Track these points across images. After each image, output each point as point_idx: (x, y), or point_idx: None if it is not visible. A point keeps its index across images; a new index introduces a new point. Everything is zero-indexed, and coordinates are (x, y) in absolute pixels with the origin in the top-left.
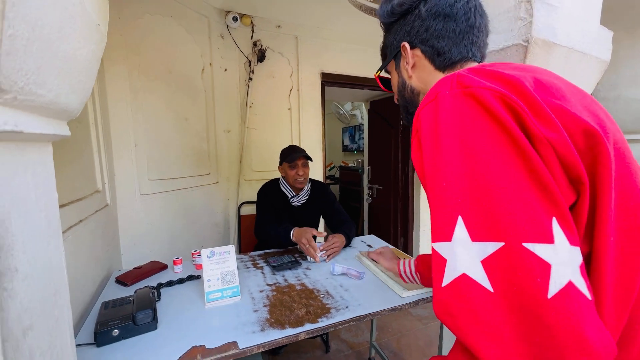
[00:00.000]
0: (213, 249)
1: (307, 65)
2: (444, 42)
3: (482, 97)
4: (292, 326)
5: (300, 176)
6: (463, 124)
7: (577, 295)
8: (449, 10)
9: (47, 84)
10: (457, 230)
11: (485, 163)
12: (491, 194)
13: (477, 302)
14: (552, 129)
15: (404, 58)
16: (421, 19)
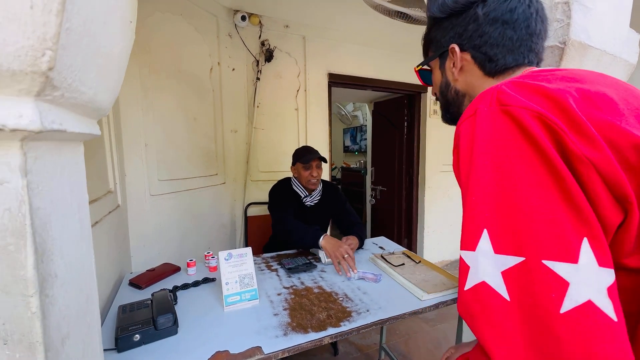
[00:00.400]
0: (230, 251)
1: (314, 66)
2: (499, 49)
3: (519, 116)
4: (315, 330)
5: (314, 177)
6: (497, 142)
7: (596, 313)
8: (508, 17)
9: (88, 82)
10: (482, 242)
11: (514, 181)
12: (517, 211)
13: (493, 308)
14: (594, 147)
15: (451, 59)
16: (477, 23)
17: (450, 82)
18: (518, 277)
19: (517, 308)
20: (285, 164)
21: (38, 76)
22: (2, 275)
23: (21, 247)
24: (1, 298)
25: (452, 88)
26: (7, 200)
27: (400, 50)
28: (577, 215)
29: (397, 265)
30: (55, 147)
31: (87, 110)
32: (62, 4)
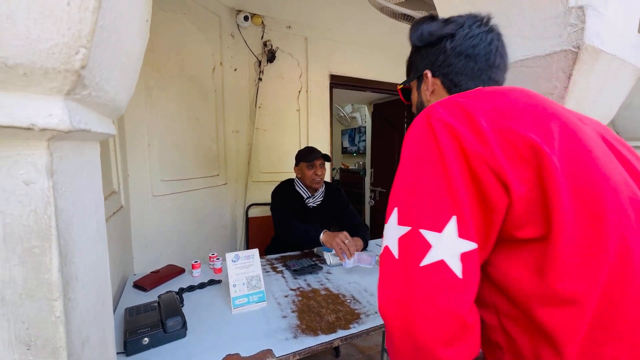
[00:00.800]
0: (237, 253)
1: (316, 67)
2: (462, 77)
3: (434, 125)
4: (325, 332)
5: (318, 176)
6: (416, 142)
7: (445, 270)
8: (471, 52)
9: (112, 80)
10: (392, 216)
11: (417, 172)
12: (413, 193)
13: (388, 263)
14: (486, 147)
15: (425, 83)
16: (445, 54)
17: (424, 102)
18: (404, 241)
19: (400, 262)
20: (287, 165)
21: (70, 74)
22: (26, 279)
23: (46, 250)
24: (25, 302)
25: None
26: (33, 202)
27: (401, 53)
28: (453, 200)
29: None
30: (77, 147)
31: (107, 110)
32: (98, 1)
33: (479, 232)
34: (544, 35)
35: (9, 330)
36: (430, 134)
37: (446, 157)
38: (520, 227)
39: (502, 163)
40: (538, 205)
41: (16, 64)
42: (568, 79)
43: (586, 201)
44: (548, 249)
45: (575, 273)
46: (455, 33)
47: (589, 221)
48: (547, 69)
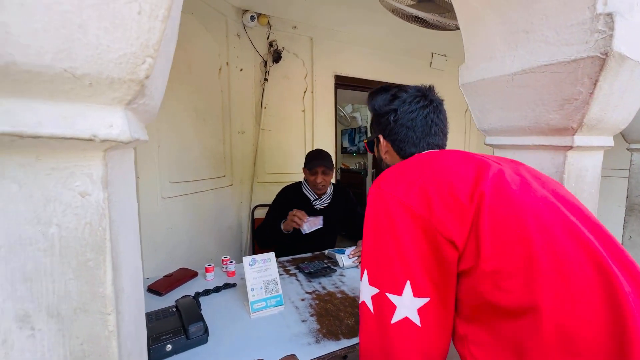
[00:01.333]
0: (254, 257)
1: (321, 67)
2: (404, 144)
3: (386, 199)
4: (346, 337)
5: (319, 183)
6: (374, 214)
7: (409, 324)
8: (410, 124)
9: (159, 88)
10: (364, 277)
11: (378, 239)
12: (379, 261)
13: (366, 316)
14: (431, 214)
15: (380, 144)
16: (390, 125)
17: (383, 158)
18: (376, 300)
19: (376, 317)
20: (292, 166)
21: (135, 84)
22: (81, 293)
23: (100, 263)
24: (80, 317)
25: (384, 162)
26: (89, 214)
27: (405, 54)
28: (406, 267)
29: None
30: (122, 156)
31: (147, 117)
32: (168, 10)
33: (434, 285)
34: (569, 42)
35: (64, 345)
36: (383, 207)
37: (398, 228)
38: (484, 260)
39: (448, 225)
40: (472, 241)
41: (84, 74)
42: (594, 85)
43: (507, 224)
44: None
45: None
46: (397, 109)
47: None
48: (572, 75)
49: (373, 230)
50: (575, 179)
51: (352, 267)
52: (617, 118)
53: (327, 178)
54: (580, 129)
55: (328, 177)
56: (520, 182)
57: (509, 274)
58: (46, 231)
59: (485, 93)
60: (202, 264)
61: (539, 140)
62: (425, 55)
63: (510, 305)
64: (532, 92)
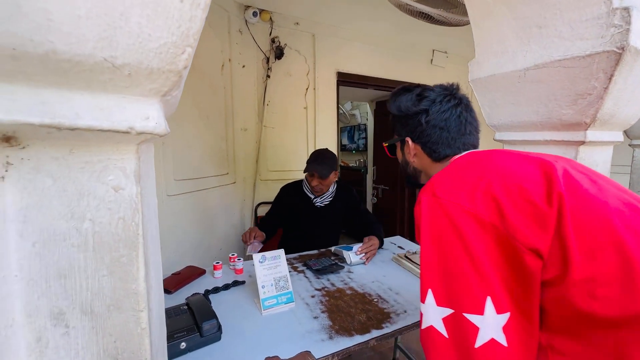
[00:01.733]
0: (264, 254)
1: (323, 64)
2: (438, 145)
3: (447, 208)
4: (359, 333)
5: (315, 187)
6: (432, 225)
7: (495, 345)
8: (443, 124)
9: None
10: (428, 297)
11: (446, 256)
12: (447, 277)
13: (438, 342)
14: (500, 219)
15: (407, 147)
16: (421, 127)
17: (409, 162)
18: (451, 323)
19: (452, 343)
20: (294, 163)
21: (173, 75)
22: (114, 289)
23: (133, 259)
24: (113, 314)
25: (410, 166)
26: (122, 209)
27: (407, 50)
28: (484, 282)
29: None
30: (148, 150)
31: (171, 110)
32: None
33: (513, 298)
34: (584, 36)
35: (98, 343)
36: (444, 217)
37: (467, 239)
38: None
39: (527, 232)
40: (557, 248)
41: (124, 64)
42: (609, 79)
43: (593, 227)
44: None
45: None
46: (429, 109)
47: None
48: (587, 70)
49: (435, 243)
50: None
51: (359, 264)
52: (629, 113)
53: (324, 182)
54: (593, 124)
55: (325, 181)
56: (589, 180)
57: (604, 281)
58: (80, 226)
59: (495, 89)
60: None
61: (551, 136)
62: (426, 52)
63: (609, 314)
64: (544, 88)
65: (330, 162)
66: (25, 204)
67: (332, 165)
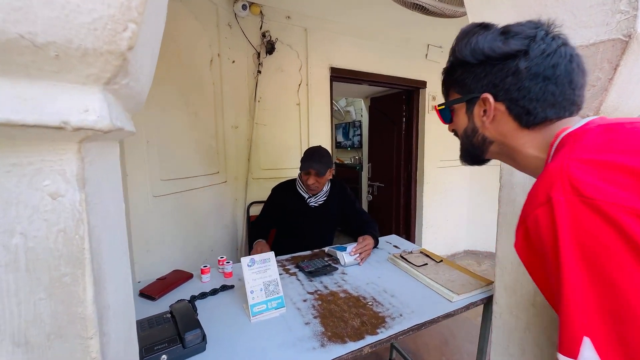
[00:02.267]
0: (253, 257)
1: (316, 59)
2: (539, 104)
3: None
4: (353, 339)
5: (311, 185)
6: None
7: None
8: (550, 73)
9: (145, 68)
10: (585, 350)
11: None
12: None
13: None
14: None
15: (481, 107)
16: (516, 76)
17: (478, 129)
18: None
19: None
20: (287, 161)
21: (114, 58)
22: (55, 315)
23: (79, 278)
24: (55, 344)
25: (480, 135)
26: (62, 219)
27: (401, 45)
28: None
29: (420, 265)
30: (101, 149)
31: (133, 105)
32: None
33: None
34: (587, 24)
35: None
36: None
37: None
38: None
39: None
40: None
41: (47, 43)
42: (614, 69)
43: None
44: None
45: None
46: (529, 49)
47: None
48: (590, 60)
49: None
50: None
51: (353, 265)
52: (632, 105)
53: (321, 180)
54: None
55: (322, 179)
56: None
57: None
58: (8, 242)
59: None
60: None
61: None
62: (420, 46)
63: None
64: None
65: (326, 160)
66: None
67: (327, 163)
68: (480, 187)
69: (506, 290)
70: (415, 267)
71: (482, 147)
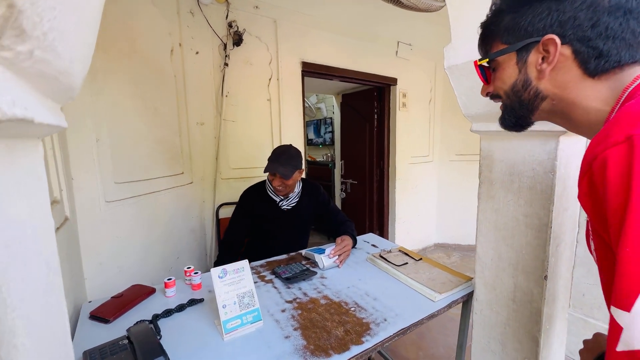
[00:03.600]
0: (224, 267)
1: (287, 53)
2: (615, 44)
3: None
4: (337, 351)
5: (278, 186)
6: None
7: None
8: (634, 5)
9: (66, 37)
10: (638, 304)
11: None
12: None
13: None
14: None
15: (539, 54)
16: (594, 9)
17: (532, 81)
18: None
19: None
20: (258, 160)
21: None
22: None
23: None
24: None
25: (533, 88)
26: None
27: (372, 41)
28: None
29: (400, 264)
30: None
31: (57, 88)
32: None
33: None
34: None
35: None
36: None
37: None
38: None
39: None
40: None
41: None
42: None
43: None
44: None
45: None
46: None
47: None
48: None
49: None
50: (565, 164)
51: (332, 268)
52: None
53: (288, 182)
54: None
55: (288, 182)
56: None
57: None
58: None
59: (473, 76)
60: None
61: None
62: (391, 43)
63: None
64: None
65: (294, 161)
66: None
67: (295, 164)
68: (448, 182)
69: (486, 286)
70: (395, 266)
71: (533, 105)
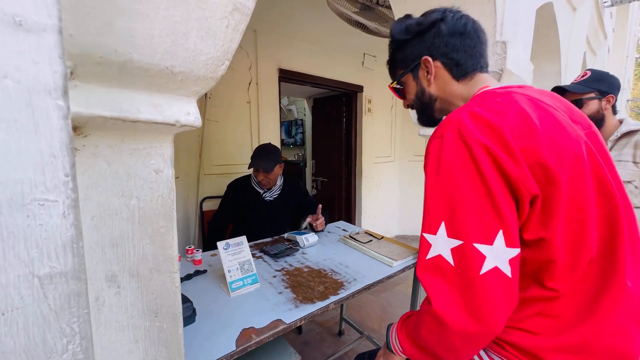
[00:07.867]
0: (227, 241)
1: (266, 60)
2: (461, 54)
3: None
4: (320, 300)
5: (263, 180)
6: (455, 162)
7: (499, 274)
8: (463, 29)
9: None
10: (440, 229)
11: (461, 191)
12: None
13: (444, 269)
14: (518, 165)
15: (424, 69)
16: (441, 36)
17: (425, 88)
18: (459, 252)
19: (457, 270)
20: (239, 157)
21: (212, 81)
22: (155, 255)
23: (169, 229)
24: (154, 276)
25: (427, 93)
26: (161, 188)
27: (341, 52)
28: (497, 215)
29: (366, 242)
30: None
31: None
32: (245, 24)
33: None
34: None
35: (142, 300)
36: (466, 154)
37: (487, 177)
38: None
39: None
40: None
41: (179, 72)
42: None
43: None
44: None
45: None
46: (444, 17)
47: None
48: None
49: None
50: None
51: (312, 247)
52: None
53: (269, 176)
54: None
55: (270, 175)
56: None
57: None
58: (129, 203)
59: None
60: None
61: None
62: (358, 54)
63: None
64: None
65: (274, 156)
66: (86, 184)
67: (275, 159)
68: (408, 180)
69: None
70: (362, 243)
71: (431, 106)
